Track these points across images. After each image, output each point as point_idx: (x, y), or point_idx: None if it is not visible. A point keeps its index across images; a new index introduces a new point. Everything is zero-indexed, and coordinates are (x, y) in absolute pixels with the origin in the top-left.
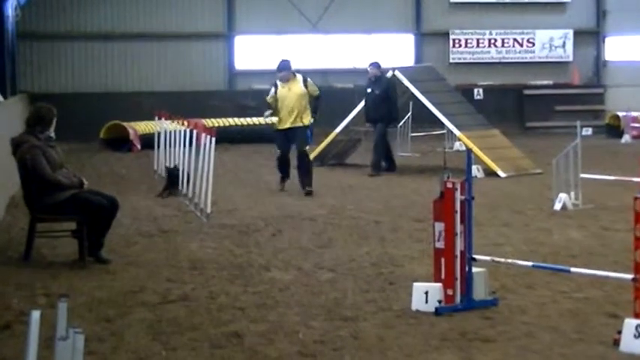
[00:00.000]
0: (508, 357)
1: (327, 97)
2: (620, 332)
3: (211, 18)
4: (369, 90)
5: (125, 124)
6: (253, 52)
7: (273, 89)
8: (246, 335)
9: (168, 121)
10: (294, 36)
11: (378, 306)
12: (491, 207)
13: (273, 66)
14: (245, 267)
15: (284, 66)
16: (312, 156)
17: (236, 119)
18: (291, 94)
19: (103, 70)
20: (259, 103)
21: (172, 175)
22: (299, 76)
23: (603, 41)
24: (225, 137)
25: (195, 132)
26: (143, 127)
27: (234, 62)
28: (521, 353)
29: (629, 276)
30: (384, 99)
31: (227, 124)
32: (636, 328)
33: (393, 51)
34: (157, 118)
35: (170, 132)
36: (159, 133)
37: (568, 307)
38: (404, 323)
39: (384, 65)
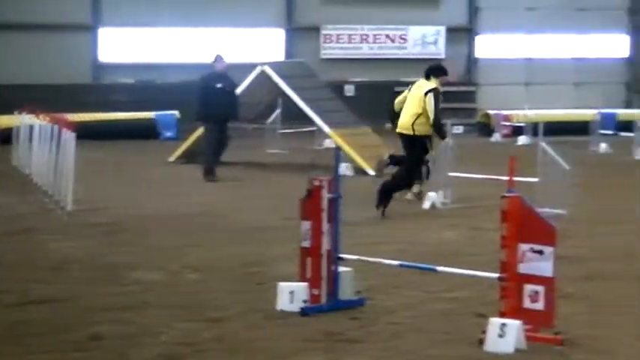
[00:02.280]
0: (375, 358)
1: (196, 92)
2: (485, 332)
3: (76, 8)
4: (218, 85)
5: None
6: (120, 44)
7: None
8: (109, 337)
9: (29, 116)
10: (164, 29)
11: (245, 307)
12: (360, 206)
13: (140, 59)
14: (110, 267)
15: None
16: (177, 153)
17: (102, 114)
18: None
19: None
20: (127, 97)
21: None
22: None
23: (475, 39)
24: (91, 133)
25: (56, 127)
26: (6, 120)
27: (97, 55)
28: (389, 355)
29: (496, 275)
30: (232, 95)
31: (93, 119)
32: (500, 327)
33: (264, 46)
34: (17, 112)
35: (30, 127)
36: (18, 128)
37: (437, 307)
38: (271, 324)
39: (255, 60)
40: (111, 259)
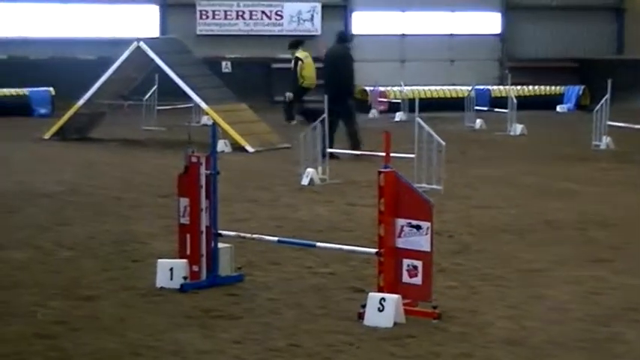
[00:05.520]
0: (252, 334)
1: (70, 68)
2: (364, 306)
3: None
4: None
5: None
6: None
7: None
8: None
9: None
10: (38, 4)
11: (119, 284)
12: (238, 182)
13: (13, 34)
14: None
15: None
16: (52, 130)
17: None
18: None
19: None
20: None
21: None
22: None
23: (351, 15)
24: None
25: None
26: None
27: None
28: (265, 330)
29: (374, 250)
30: None
31: None
32: (380, 301)
33: (137, 22)
34: None
35: None
36: None
37: (313, 282)
38: (147, 302)
39: (129, 36)
40: None
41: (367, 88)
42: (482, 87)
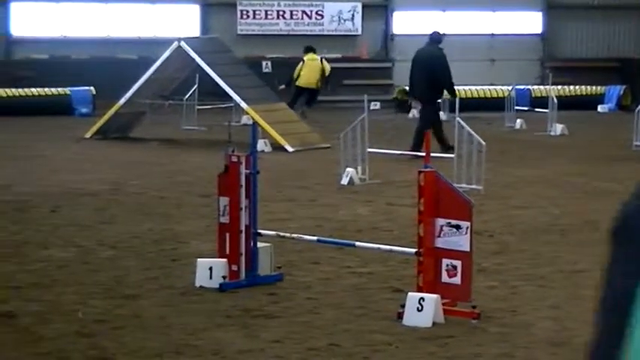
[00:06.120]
0: (291, 333)
1: (111, 67)
2: (403, 306)
3: None
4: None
5: None
6: (34, 19)
7: None
8: (21, 315)
9: None
10: (74, 4)
11: (160, 283)
12: (278, 182)
13: (55, 34)
14: (20, 245)
15: None
16: (93, 129)
17: (12, 90)
18: None
19: None
20: (40, 73)
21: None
22: None
23: (391, 15)
24: (3, 109)
25: None
26: None
27: (10, 29)
28: (305, 329)
29: (413, 250)
30: None
31: (3, 95)
32: (419, 301)
33: (178, 21)
34: None
35: None
36: None
37: (352, 282)
38: (187, 301)
39: (170, 35)
40: (22, 237)
41: (407, 88)
42: (522, 87)
